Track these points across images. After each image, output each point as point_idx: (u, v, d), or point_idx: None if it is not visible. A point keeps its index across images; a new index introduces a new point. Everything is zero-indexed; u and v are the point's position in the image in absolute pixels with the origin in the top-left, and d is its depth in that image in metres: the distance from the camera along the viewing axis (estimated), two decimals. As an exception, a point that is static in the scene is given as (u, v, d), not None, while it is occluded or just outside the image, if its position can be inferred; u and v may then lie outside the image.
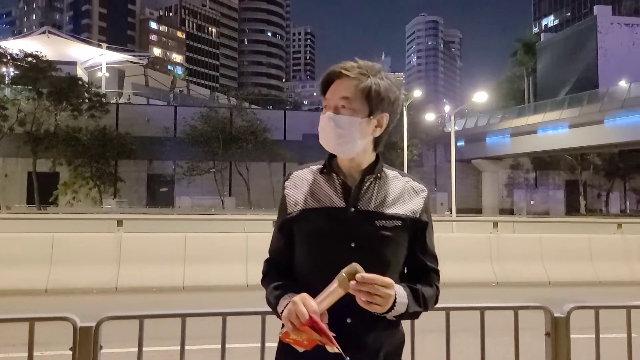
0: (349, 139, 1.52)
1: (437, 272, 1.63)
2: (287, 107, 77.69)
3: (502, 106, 55.96)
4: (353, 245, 1.50)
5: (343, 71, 1.54)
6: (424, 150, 49.78)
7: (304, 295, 1.40)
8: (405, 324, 1.69)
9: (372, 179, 1.58)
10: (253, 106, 61.71)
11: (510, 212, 50.43)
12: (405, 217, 1.56)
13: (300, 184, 1.62)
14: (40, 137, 41.66)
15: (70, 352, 1.84)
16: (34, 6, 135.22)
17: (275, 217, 1.73)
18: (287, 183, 1.65)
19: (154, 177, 49.13)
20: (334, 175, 1.60)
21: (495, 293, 9.27)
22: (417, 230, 1.59)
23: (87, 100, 43.92)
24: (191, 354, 2.68)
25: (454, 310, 2.23)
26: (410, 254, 1.59)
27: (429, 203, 1.66)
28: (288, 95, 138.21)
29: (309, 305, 1.36)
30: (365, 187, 1.57)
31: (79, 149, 42.34)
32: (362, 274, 1.34)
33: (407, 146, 36.47)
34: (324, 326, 1.35)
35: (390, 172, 1.64)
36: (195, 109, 49.47)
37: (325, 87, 1.58)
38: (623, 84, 40.17)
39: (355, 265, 1.36)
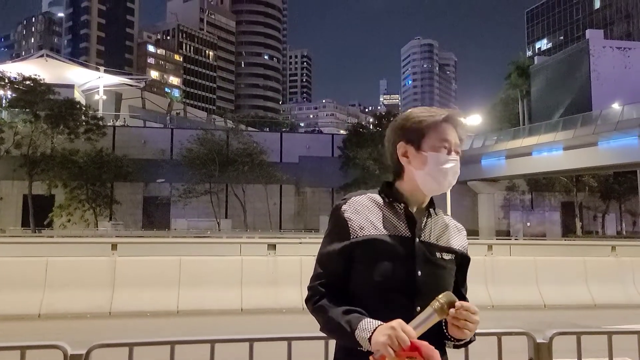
0: None
1: None
2: (284, 130, 78.18)
3: (497, 128, 56.35)
4: (420, 273, 1.57)
5: (460, 120, 1.70)
6: (420, 171, 49.83)
7: (400, 321, 1.41)
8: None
9: (428, 214, 1.69)
10: (250, 128, 62.05)
11: (507, 233, 50.43)
12: (458, 252, 1.70)
13: (361, 210, 1.64)
14: (36, 160, 41.65)
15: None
16: (33, 30, 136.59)
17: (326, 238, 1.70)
18: (345, 207, 1.65)
19: (150, 200, 49.07)
20: (397, 204, 1.67)
21: (489, 317, 9.24)
22: (462, 264, 1.72)
23: (84, 123, 44.05)
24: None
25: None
26: (454, 285, 1.70)
27: None
28: (285, 117, 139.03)
29: (408, 331, 1.37)
30: (425, 220, 1.67)
31: (75, 171, 42.32)
32: (462, 302, 1.44)
33: (403, 168, 36.58)
34: (433, 350, 1.35)
35: (437, 210, 1.77)
36: (192, 132, 49.65)
37: (439, 125, 1.67)
38: (616, 106, 40.57)
39: (451, 294, 1.44)
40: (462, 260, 1.71)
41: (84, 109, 45.38)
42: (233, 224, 47.47)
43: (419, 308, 1.47)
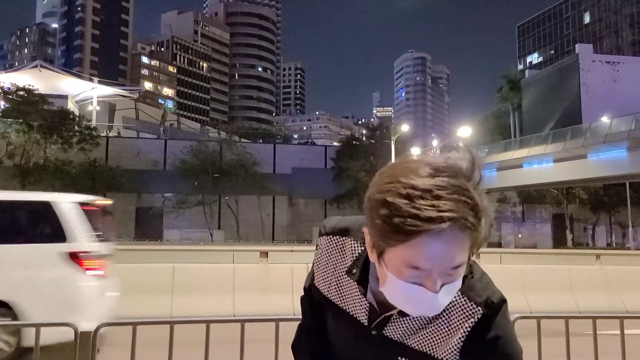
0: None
1: None
2: (277, 141, 78.46)
3: (489, 140, 56.92)
4: None
5: (464, 222, 0.96)
6: (412, 184, 50.13)
7: None
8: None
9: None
10: (243, 140, 62.38)
11: (499, 245, 50.63)
12: None
13: (332, 255, 1.26)
14: (29, 170, 41.55)
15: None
16: (27, 40, 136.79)
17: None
18: (322, 240, 1.29)
19: (142, 211, 49.01)
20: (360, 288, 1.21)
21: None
22: None
23: (77, 134, 44.10)
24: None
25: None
26: None
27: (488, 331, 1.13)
28: (278, 129, 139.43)
29: None
30: (395, 316, 1.17)
31: (68, 182, 42.21)
32: None
33: (395, 180, 36.84)
34: None
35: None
36: (185, 143, 49.84)
37: (417, 241, 0.94)
38: (605, 119, 41.11)
39: None
40: None
41: (77, 119, 45.48)
42: (226, 235, 47.50)
43: None
